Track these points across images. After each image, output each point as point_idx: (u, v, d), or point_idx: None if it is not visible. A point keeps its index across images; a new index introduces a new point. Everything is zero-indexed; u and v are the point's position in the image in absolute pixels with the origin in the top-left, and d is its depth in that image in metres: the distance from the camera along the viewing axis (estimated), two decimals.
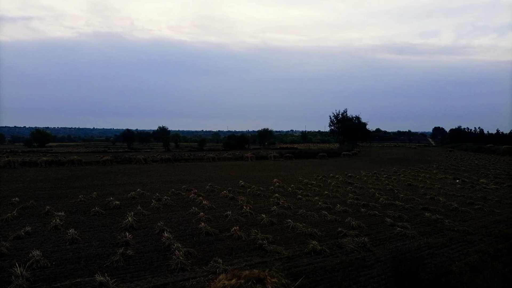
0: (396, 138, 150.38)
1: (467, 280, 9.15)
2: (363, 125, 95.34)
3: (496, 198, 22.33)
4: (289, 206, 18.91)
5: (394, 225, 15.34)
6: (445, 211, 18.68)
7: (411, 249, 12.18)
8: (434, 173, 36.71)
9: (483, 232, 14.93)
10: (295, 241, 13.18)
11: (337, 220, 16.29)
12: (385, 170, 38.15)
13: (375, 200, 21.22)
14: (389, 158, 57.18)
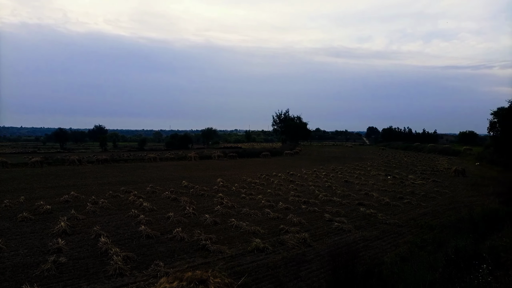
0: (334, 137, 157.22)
1: (397, 269, 9.88)
2: (304, 124, 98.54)
3: (423, 192, 24.35)
4: (233, 205, 18.98)
5: (332, 220, 16.09)
6: (378, 205, 19.98)
7: (347, 243, 12.86)
8: (368, 170, 39.06)
9: (411, 224, 16.22)
10: (239, 240, 13.28)
11: (280, 217, 16.68)
12: (324, 168, 39.80)
13: (315, 196, 22.06)
14: (328, 157, 59.75)
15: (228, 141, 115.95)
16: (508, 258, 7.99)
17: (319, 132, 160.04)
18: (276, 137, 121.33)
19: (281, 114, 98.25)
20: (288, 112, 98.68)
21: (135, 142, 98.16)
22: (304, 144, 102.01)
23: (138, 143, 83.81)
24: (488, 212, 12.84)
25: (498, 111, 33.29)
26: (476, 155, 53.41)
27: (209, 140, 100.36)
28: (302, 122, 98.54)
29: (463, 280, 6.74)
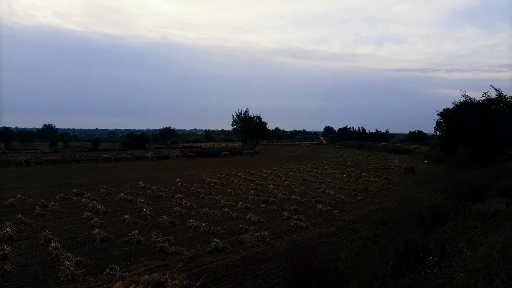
0: (293, 136, 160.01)
1: (352, 264, 10.28)
2: (263, 124, 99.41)
3: (376, 189, 25.47)
4: (192, 206, 18.75)
5: (291, 218, 16.39)
6: (334, 202, 20.62)
7: (305, 240, 13.17)
8: (325, 168, 40.19)
9: (365, 220, 16.92)
10: (198, 240, 13.15)
11: (239, 216, 16.72)
12: (283, 167, 40.41)
13: (274, 195, 22.35)
14: (287, 156, 60.72)
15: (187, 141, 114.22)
16: (452, 250, 8.56)
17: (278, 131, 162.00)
18: (236, 137, 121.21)
19: (241, 114, 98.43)
20: (247, 112, 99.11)
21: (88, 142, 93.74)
22: (263, 143, 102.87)
23: (91, 143, 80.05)
24: (434, 207, 13.65)
25: (444, 112, 35.50)
26: (424, 153, 56.74)
27: (167, 139, 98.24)
28: (262, 122, 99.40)
29: (412, 272, 7.14)
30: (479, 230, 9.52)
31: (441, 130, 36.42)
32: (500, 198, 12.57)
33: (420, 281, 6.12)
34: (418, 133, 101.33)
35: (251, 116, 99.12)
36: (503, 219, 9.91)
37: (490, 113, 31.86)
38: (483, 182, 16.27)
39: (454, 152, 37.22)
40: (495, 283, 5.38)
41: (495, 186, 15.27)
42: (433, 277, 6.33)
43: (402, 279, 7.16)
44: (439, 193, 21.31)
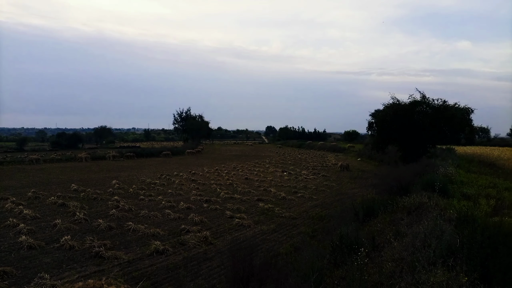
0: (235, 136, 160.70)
1: (292, 259, 10.63)
2: (206, 123, 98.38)
3: (314, 186, 26.53)
4: (131, 208, 18.04)
5: (233, 217, 16.49)
6: (276, 200, 21.13)
7: (247, 238, 13.35)
8: (267, 167, 40.96)
9: (304, 216, 17.57)
10: (137, 243, 12.71)
11: (181, 217, 16.44)
12: (225, 166, 40.43)
13: (217, 195, 22.30)
14: (230, 155, 60.84)
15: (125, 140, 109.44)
16: (382, 241, 9.24)
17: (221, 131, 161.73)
18: (177, 136, 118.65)
19: (183, 113, 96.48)
20: (189, 111, 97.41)
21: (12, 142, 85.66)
22: (206, 143, 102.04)
23: (17, 143, 73.21)
24: (366, 202, 14.59)
25: (375, 112, 37.85)
26: (358, 151, 60.22)
27: (103, 139, 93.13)
28: (204, 121, 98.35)
29: (346, 263, 7.60)
30: (405, 221, 10.36)
31: (372, 130, 38.77)
32: (423, 192, 13.74)
33: (353, 271, 6.53)
34: (353, 133, 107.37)
35: (193, 115, 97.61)
36: (425, 211, 10.87)
37: (415, 114, 34.63)
38: (409, 177, 17.69)
39: (384, 150, 39.95)
40: (417, 269, 5.92)
41: (419, 181, 16.67)
42: (365, 267, 6.80)
43: (337, 270, 7.59)
44: (371, 188, 22.78)
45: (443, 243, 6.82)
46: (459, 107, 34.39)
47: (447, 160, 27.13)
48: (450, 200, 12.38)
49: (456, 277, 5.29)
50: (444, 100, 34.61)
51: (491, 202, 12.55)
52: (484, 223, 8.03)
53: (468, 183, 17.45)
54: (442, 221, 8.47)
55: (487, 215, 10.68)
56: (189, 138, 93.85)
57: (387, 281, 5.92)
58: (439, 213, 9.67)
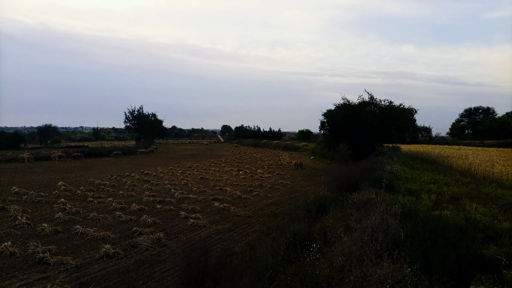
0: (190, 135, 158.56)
1: (247, 257, 10.70)
2: (159, 122, 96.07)
3: (269, 184, 26.85)
4: (78, 211, 17.15)
5: (188, 217, 16.26)
6: (231, 199, 21.13)
7: (202, 238, 13.22)
8: (222, 166, 40.83)
9: (259, 214, 17.73)
10: (85, 248, 12.12)
11: (133, 219, 15.92)
12: (180, 166, 39.73)
13: (171, 195, 21.86)
14: (184, 154, 59.87)
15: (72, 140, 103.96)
16: (333, 236, 9.58)
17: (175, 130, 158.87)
18: (129, 135, 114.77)
19: (135, 111, 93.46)
20: (142, 109, 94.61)
21: None
22: (160, 142, 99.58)
23: None
24: (319, 199, 15.06)
25: (327, 112, 39.24)
26: (311, 150, 61.91)
27: (47, 138, 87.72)
28: (158, 120, 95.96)
29: (299, 259, 7.79)
30: (354, 217, 10.81)
31: (324, 129, 40.16)
32: (371, 188, 14.43)
33: (306, 267, 6.72)
34: (306, 132, 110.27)
35: (146, 113, 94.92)
36: (373, 206, 11.42)
37: (364, 114, 36.35)
38: (358, 174, 18.50)
39: (335, 149, 41.49)
40: (365, 263, 6.22)
41: (368, 178, 17.48)
42: (317, 262, 7.01)
43: (290, 266, 7.75)
44: (323, 186, 23.55)
45: (389, 237, 7.22)
46: (404, 107, 36.58)
47: (393, 158, 28.68)
48: (396, 195, 13.09)
49: (400, 269, 5.62)
50: (390, 101, 36.66)
51: (432, 197, 13.45)
52: (426, 216, 8.59)
53: (412, 179, 18.56)
54: (388, 215, 8.96)
55: (429, 209, 11.44)
56: (142, 137, 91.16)
57: (337, 275, 6.16)
58: (385, 208, 10.20)
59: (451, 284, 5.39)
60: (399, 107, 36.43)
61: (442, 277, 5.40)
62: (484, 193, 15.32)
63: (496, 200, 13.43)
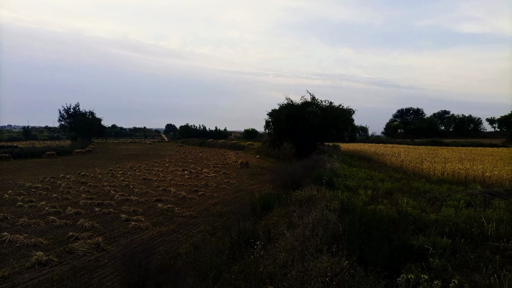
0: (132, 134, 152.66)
1: (191, 258, 10.56)
2: (98, 120, 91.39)
3: (215, 184, 26.72)
4: (6, 217, 15.72)
5: (129, 220, 15.65)
6: (176, 200, 20.70)
7: (144, 241, 12.80)
8: (166, 166, 39.83)
9: (205, 214, 17.59)
10: (14, 256, 11.17)
11: (68, 224, 14.98)
12: (121, 167, 38.07)
13: (111, 197, 20.88)
14: (126, 154, 57.48)
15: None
16: (276, 233, 9.80)
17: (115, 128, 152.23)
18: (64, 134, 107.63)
19: (70, 108, 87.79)
20: (78, 106, 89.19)
21: None
22: (98, 141, 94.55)
23: None
24: (263, 197, 15.31)
25: (271, 112, 39.93)
26: (257, 149, 62.71)
27: None
28: (96, 118, 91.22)
29: (243, 258, 7.86)
30: (297, 213, 11.15)
31: (269, 128, 40.88)
32: (313, 185, 14.99)
33: (250, 264, 6.80)
34: (252, 131, 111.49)
35: (82, 111, 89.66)
36: (314, 203, 11.87)
37: (306, 114, 37.58)
38: (301, 172, 19.10)
39: (279, 147, 42.43)
40: (306, 257, 6.45)
41: (310, 175, 18.13)
42: (260, 259, 7.14)
43: (235, 265, 7.80)
44: (268, 184, 23.96)
45: (329, 231, 7.56)
46: (343, 108, 38.43)
47: (333, 156, 30.04)
48: (336, 192, 13.73)
49: (338, 262, 5.91)
50: (330, 102, 38.34)
51: (368, 192, 14.32)
52: (362, 211, 9.12)
53: (350, 176, 19.59)
54: (328, 211, 9.37)
55: (365, 204, 12.16)
56: (78, 136, 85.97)
57: (280, 271, 6.32)
58: (326, 204, 10.65)
59: (385, 274, 5.77)
60: (339, 107, 38.19)
61: (377, 268, 5.77)
62: (414, 187, 16.62)
63: (425, 194, 14.66)
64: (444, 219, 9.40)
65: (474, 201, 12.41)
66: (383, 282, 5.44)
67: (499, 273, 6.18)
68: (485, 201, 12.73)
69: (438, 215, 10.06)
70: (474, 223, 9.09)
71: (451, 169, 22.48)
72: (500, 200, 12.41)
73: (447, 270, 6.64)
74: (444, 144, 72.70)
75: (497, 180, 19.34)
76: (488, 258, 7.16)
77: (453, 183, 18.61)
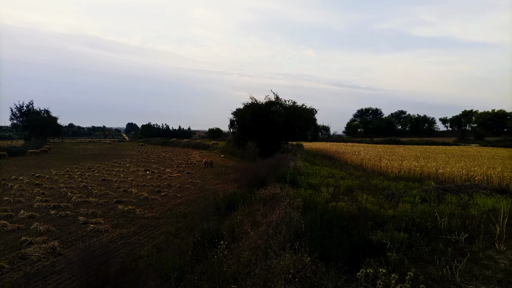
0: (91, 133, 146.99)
1: (153, 260, 10.33)
2: (53, 119, 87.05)
3: (178, 184, 26.29)
4: None
5: (88, 223, 15.05)
6: (137, 201, 20.15)
7: (103, 244, 12.35)
8: (127, 166, 38.66)
9: (168, 215, 17.26)
10: None
11: (21, 228, 14.16)
12: (79, 167, 36.50)
13: (68, 199, 19.96)
14: (84, 154, 55.22)
15: None
16: (241, 232, 9.80)
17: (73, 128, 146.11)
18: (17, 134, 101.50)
19: (23, 107, 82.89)
20: (32, 104, 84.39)
21: None
22: (54, 141, 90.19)
23: None
24: (228, 196, 15.25)
25: (236, 111, 39.87)
26: (221, 148, 62.41)
27: None
28: (51, 117, 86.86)
29: (207, 258, 7.79)
30: (261, 212, 11.21)
31: (233, 127, 40.80)
32: (276, 184, 15.13)
33: (213, 264, 6.76)
34: (216, 130, 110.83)
35: (37, 109, 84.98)
36: (278, 201, 12.00)
37: (270, 113, 37.90)
38: (265, 171, 19.22)
39: (244, 147, 42.49)
40: (269, 255, 6.50)
41: (274, 174, 18.29)
42: (224, 259, 7.10)
43: (198, 266, 7.71)
44: (233, 183, 23.92)
45: (292, 229, 7.66)
46: (306, 108, 39.16)
47: (296, 155, 30.52)
48: (299, 190, 13.96)
49: (301, 259, 6.00)
50: (294, 101, 38.92)
51: (330, 190, 14.69)
52: (324, 208, 9.34)
53: (313, 174, 20.00)
54: (291, 209, 9.50)
55: (327, 201, 12.47)
56: (32, 136, 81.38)
57: (244, 270, 6.32)
58: (289, 202, 10.79)
59: (345, 269, 5.95)
60: (302, 107, 38.86)
61: (337, 263, 5.93)
62: (373, 185, 17.26)
63: (383, 190, 15.28)
64: (401, 215, 9.83)
65: (428, 197, 13.08)
66: (343, 277, 5.59)
67: (451, 264, 6.56)
68: (439, 197, 13.46)
69: (396, 211, 10.51)
70: (429, 218, 9.58)
71: (407, 167, 23.56)
72: (452, 195, 13.19)
73: (404, 263, 6.96)
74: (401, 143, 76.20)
75: (449, 176, 20.53)
76: (441, 251, 7.57)
77: (409, 180, 19.53)
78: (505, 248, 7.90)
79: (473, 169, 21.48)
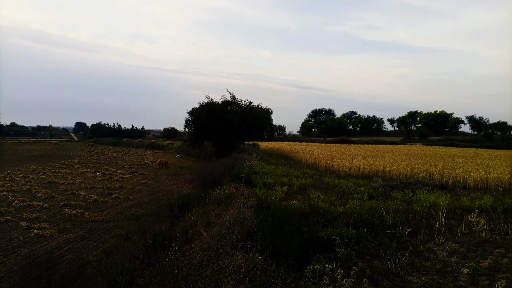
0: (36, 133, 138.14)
1: (103, 265, 9.93)
2: None
3: (131, 185, 25.45)
4: None
5: (31, 228, 14.15)
6: (86, 204, 19.25)
7: (48, 250, 11.69)
8: (75, 168, 36.77)
9: (119, 218, 16.66)
10: None
11: None
12: (21, 169, 34.12)
13: (8, 203, 18.62)
14: (27, 156, 51.73)
15: None
16: (194, 233, 9.71)
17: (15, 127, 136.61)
18: None
19: None
20: None
21: None
22: None
23: None
24: (182, 197, 15.01)
25: (192, 110, 39.38)
26: (177, 148, 61.34)
27: None
28: None
29: (159, 261, 7.64)
30: (215, 212, 11.19)
31: (189, 127, 40.26)
32: (232, 184, 15.15)
33: (165, 267, 6.64)
34: (172, 130, 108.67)
35: None
36: (233, 201, 12.03)
37: (226, 113, 37.84)
38: (221, 171, 19.18)
39: (200, 146, 42.09)
40: (221, 256, 6.51)
41: (229, 174, 18.30)
42: (176, 261, 7.01)
43: (149, 269, 7.55)
44: (188, 184, 23.59)
45: (244, 228, 7.73)
46: (262, 107, 39.58)
47: (252, 154, 30.76)
48: (254, 189, 14.09)
49: (252, 258, 6.08)
50: (250, 101, 39.19)
51: (284, 189, 14.96)
52: (276, 207, 9.50)
53: (268, 173, 20.26)
54: (245, 208, 9.58)
55: (281, 200, 12.69)
56: None
57: (195, 272, 6.28)
58: (243, 201, 10.87)
59: (295, 266, 6.09)
60: (258, 107, 39.21)
61: (287, 261, 6.07)
62: (325, 183, 17.83)
63: (334, 188, 15.83)
64: (350, 211, 10.26)
65: (376, 194, 13.76)
66: (293, 274, 5.73)
67: (395, 257, 6.97)
68: (385, 193, 14.21)
69: (345, 208, 10.94)
70: (376, 214, 10.09)
71: (357, 165, 24.60)
72: (397, 192, 13.98)
73: (351, 258, 7.27)
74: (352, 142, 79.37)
75: (395, 174, 21.73)
76: (387, 245, 8.01)
77: (359, 177, 20.41)
78: (444, 240, 8.53)
79: (417, 167, 22.90)
